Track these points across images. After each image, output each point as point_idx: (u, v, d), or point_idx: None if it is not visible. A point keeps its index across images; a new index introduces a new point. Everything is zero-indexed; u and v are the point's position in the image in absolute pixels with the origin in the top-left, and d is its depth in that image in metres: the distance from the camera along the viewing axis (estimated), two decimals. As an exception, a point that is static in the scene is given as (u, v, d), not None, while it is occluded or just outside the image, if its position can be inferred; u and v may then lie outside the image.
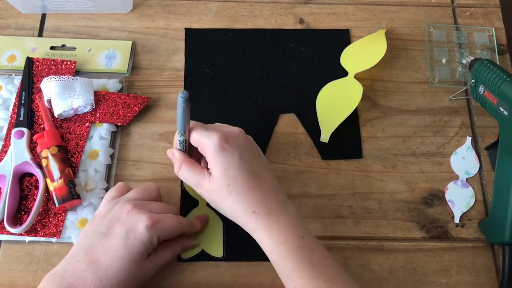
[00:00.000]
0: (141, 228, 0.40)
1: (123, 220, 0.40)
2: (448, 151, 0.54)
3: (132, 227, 0.40)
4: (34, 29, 0.58)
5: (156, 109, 0.54)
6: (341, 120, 0.52)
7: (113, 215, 0.41)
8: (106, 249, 0.39)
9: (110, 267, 0.38)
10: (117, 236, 0.39)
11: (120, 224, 0.40)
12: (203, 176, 0.42)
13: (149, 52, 0.57)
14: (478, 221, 0.50)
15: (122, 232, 0.40)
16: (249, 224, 0.40)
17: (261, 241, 0.40)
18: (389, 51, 0.57)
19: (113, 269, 0.38)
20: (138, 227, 0.40)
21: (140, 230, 0.40)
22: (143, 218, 0.40)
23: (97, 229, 0.41)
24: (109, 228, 0.40)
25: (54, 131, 0.49)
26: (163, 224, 0.41)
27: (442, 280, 0.48)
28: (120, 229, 0.40)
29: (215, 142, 0.41)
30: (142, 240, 0.40)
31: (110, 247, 0.39)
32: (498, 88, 0.47)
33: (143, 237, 0.40)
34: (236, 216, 0.41)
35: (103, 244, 0.39)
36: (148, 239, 0.40)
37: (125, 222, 0.40)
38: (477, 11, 0.62)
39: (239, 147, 0.42)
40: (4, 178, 0.47)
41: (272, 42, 0.58)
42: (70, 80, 0.51)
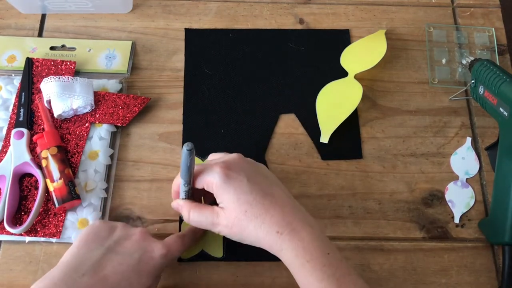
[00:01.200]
0: (157, 255, 0.40)
1: (135, 241, 0.40)
2: (448, 152, 0.54)
3: (147, 251, 0.40)
4: (34, 29, 0.58)
5: (156, 110, 0.54)
6: (341, 121, 0.52)
7: (122, 233, 0.41)
8: (115, 266, 0.38)
9: (118, 286, 0.37)
10: (128, 255, 0.39)
11: (132, 243, 0.40)
12: (216, 213, 0.40)
13: (149, 52, 0.57)
14: (478, 221, 0.50)
15: (135, 253, 0.39)
16: (275, 246, 0.39)
17: (288, 261, 0.39)
18: (389, 51, 0.57)
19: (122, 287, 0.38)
20: (154, 253, 0.40)
21: (156, 257, 0.40)
22: (158, 245, 0.40)
23: (103, 244, 0.39)
24: (118, 245, 0.39)
25: (54, 132, 0.49)
26: (174, 252, 0.41)
27: (442, 280, 0.48)
28: (133, 249, 0.39)
29: (219, 173, 0.39)
30: (155, 266, 0.40)
31: (119, 264, 0.38)
32: (498, 89, 0.47)
33: (156, 264, 0.40)
34: (260, 241, 0.40)
35: (112, 261, 0.38)
36: (160, 266, 0.40)
37: (139, 243, 0.40)
38: (477, 11, 0.62)
39: (244, 171, 0.40)
40: (4, 179, 0.47)
41: (272, 42, 0.58)
42: (70, 80, 0.51)
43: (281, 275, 0.47)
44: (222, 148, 0.52)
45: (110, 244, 0.39)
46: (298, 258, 0.38)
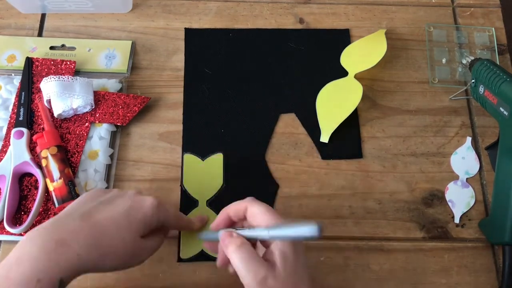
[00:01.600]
0: (146, 205, 0.39)
1: (129, 196, 0.40)
2: (448, 151, 0.54)
3: (138, 202, 0.40)
4: (34, 29, 0.58)
5: (156, 109, 0.54)
6: (341, 120, 0.52)
7: (116, 192, 0.41)
8: (106, 213, 0.38)
9: (107, 230, 0.37)
10: (120, 206, 0.39)
11: (125, 198, 0.40)
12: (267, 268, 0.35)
13: (149, 52, 0.57)
14: (478, 221, 0.50)
15: (126, 204, 0.39)
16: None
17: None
18: (389, 51, 0.57)
19: (110, 233, 0.37)
20: (144, 203, 0.40)
21: (145, 206, 0.39)
22: (149, 198, 0.40)
23: (97, 199, 0.40)
24: (112, 199, 0.40)
25: (54, 131, 0.49)
26: (166, 209, 0.41)
27: (442, 280, 0.48)
28: (125, 202, 0.39)
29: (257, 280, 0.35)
30: (145, 214, 0.39)
31: (111, 212, 0.38)
32: (498, 88, 0.47)
33: (146, 213, 0.39)
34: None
35: (104, 210, 0.38)
36: (150, 216, 0.39)
37: (131, 198, 0.40)
38: (477, 11, 0.62)
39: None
40: (4, 178, 0.47)
41: (272, 42, 0.58)
42: (69, 80, 0.51)
43: (281, 275, 0.47)
44: (222, 148, 0.52)
45: (104, 199, 0.40)
46: None
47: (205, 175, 0.51)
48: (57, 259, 0.34)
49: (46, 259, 0.34)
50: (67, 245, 0.35)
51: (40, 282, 0.33)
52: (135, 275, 0.46)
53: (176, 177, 0.51)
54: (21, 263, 0.34)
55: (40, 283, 0.33)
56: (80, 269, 0.35)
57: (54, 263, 0.34)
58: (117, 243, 0.37)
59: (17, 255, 0.34)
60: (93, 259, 0.36)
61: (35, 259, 0.34)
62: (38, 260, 0.34)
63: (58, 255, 0.34)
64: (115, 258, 0.37)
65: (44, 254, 0.34)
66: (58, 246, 0.35)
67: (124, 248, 0.37)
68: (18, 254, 0.35)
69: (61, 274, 0.34)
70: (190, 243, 0.48)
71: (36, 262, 0.34)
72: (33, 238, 0.35)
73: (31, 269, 0.33)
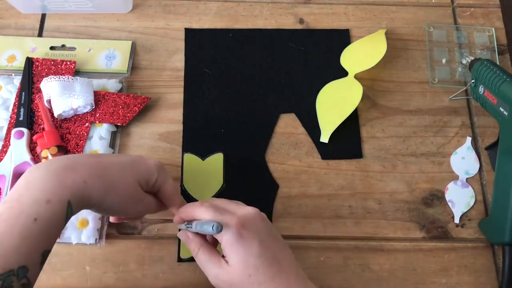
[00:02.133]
0: (150, 162, 0.41)
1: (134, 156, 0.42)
2: (448, 151, 0.54)
3: (142, 159, 0.42)
4: (34, 29, 0.58)
5: (156, 109, 0.54)
6: (341, 120, 0.52)
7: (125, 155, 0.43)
8: (113, 158, 0.40)
9: (112, 168, 0.39)
10: (127, 157, 0.41)
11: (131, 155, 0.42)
12: (221, 266, 0.38)
13: (149, 52, 0.57)
14: (478, 221, 0.50)
15: (131, 157, 0.41)
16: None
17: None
18: (389, 51, 0.57)
19: (114, 170, 0.39)
20: (148, 161, 0.42)
21: (148, 162, 0.41)
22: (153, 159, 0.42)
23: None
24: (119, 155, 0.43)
25: (54, 131, 0.49)
26: (167, 174, 0.42)
27: (442, 280, 0.48)
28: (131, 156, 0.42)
29: (233, 231, 0.37)
30: (147, 168, 0.41)
31: (117, 158, 0.40)
32: (498, 88, 0.47)
33: (149, 167, 0.41)
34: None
35: (111, 156, 0.41)
36: (152, 172, 0.41)
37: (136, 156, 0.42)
38: (477, 11, 0.62)
39: (258, 233, 0.38)
40: (4, 178, 0.47)
41: (272, 42, 0.58)
42: (70, 80, 0.51)
43: (281, 275, 0.47)
44: (222, 148, 0.52)
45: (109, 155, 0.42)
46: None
47: (205, 175, 0.51)
48: (65, 180, 0.35)
49: (54, 181, 0.35)
50: (75, 170, 0.36)
51: (50, 202, 0.34)
52: (135, 275, 0.46)
53: (176, 177, 0.51)
54: (30, 187, 0.35)
55: (49, 204, 0.34)
56: (85, 196, 0.36)
57: (61, 184, 0.35)
58: (119, 181, 0.39)
59: (26, 181, 0.36)
60: (97, 188, 0.37)
61: (44, 182, 0.35)
62: (46, 183, 0.35)
63: (66, 177, 0.36)
64: (116, 194, 0.38)
65: (53, 176, 0.35)
66: (65, 170, 0.36)
67: (124, 188, 0.39)
68: (26, 180, 0.36)
69: (69, 196, 0.35)
70: None
71: (44, 184, 0.35)
72: (39, 167, 0.36)
73: (40, 191, 0.35)
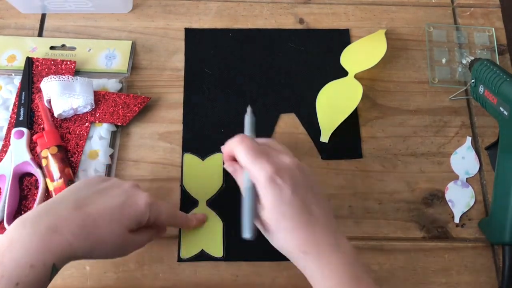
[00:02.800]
0: (141, 202, 0.39)
1: (125, 188, 0.40)
2: (448, 151, 0.54)
3: (132, 198, 0.40)
4: (34, 29, 0.58)
5: (156, 109, 0.54)
6: (341, 120, 0.52)
7: (113, 182, 0.41)
8: (100, 205, 0.38)
9: (99, 222, 0.37)
10: (115, 199, 0.39)
11: (121, 190, 0.40)
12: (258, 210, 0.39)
13: (149, 52, 0.57)
14: (478, 221, 0.50)
15: (121, 196, 0.39)
16: (299, 263, 0.38)
17: (312, 279, 0.38)
18: (389, 51, 0.57)
19: (101, 225, 0.37)
20: (138, 200, 0.40)
21: (139, 203, 0.39)
22: (144, 194, 0.40)
23: (93, 187, 0.39)
24: (108, 190, 0.39)
25: (54, 131, 0.49)
26: (160, 207, 0.41)
27: (442, 280, 0.48)
28: (120, 193, 0.39)
29: (266, 174, 0.38)
30: (137, 211, 0.39)
31: (104, 204, 0.38)
32: (498, 88, 0.47)
33: (139, 210, 0.39)
34: (286, 252, 0.39)
35: (98, 201, 0.38)
36: (142, 214, 0.39)
37: (127, 190, 0.40)
38: (477, 11, 0.62)
39: (292, 181, 0.38)
40: (4, 178, 0.47)
41: (272, 42, 0.58)
42: (70, 80, 0.51)
43: (281, 275, 0.47)
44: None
45: (99, 188, 0.39)
46: (325, 280, 0.37)
47: (205, 175, 0.51)
48: (49, 245, 0.34)
49: (39, 245, 0.34)
50: (59, 232, 0.35)
51: (33, 267, 0.33)
52: (135, 275, 0.46)
53: (176, 177, 0.51)
54: (13, 249, 0.34)
55: (33, 268, 0.33)
56: (71, 256, 0.36)
57: (46, 248, 0.34)
58: (107, 236, 0.37)
59: (9, 240, 0.34)
60: (83, 247, 0.36)
61: (27, 244, 0.34)
62: (30, 245, 0.34)
63: (50, 241, 0.35)
64: (103, 249, 0.38)
65: (36, 239, 0.34)
66: (50, 232, 0.35)
67: (112, 241, 0.38)
68: (10, 239, 0.34)
69: (54, 259, 0.34)
70: (190, 243, 0.48)
71: (28, 247, 0.34)
72: (25, 224, 0.35)
73: (23, 254, 0.34)
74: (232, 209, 0.44)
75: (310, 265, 0.37)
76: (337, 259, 0.37)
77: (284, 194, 0.38)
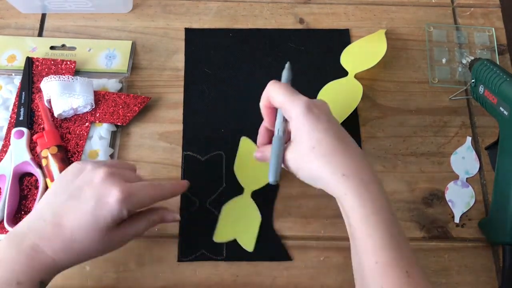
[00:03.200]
0: (112, 201, 0.37)
1: (95, 185, 0.38)
2: (448, 151, 0.54)
3: (103, 197, 0.38)
4: (34, 29, 0.58)
5: (156, 109, 0.54)
6: (341, 120, 0.52)
7: (85, 177, 0.39)
8: (74, 212, 0.37)
9: (76, 232, 0.37)
10: (87, 201, 0.37)
11: (91, 189, 0.38)
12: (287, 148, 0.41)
13: (149, 52, 0.57)
14: (478, 221, 0.50)
15: (92, 199, 0.37)
16: (337, 189, 0.38)
17: (349, 207, 0.38)
18: (389, 51, 0.57)
19: (79, 235, 0.37)
20: (109, 199, 0.37)
21: (110, 202, 0.37)
22: (115, 190, 0.38)
23: (67, 189, 0.39)
24: (79, 190, 0.38)
25: (54, 131, 0.49)
26: (137, 197, 0.39)
27: (442, 280, 0.48)
28: (91, 195, 0.38)
29: (304, 104, 0.40)
30: (111, 211, 0.37)
31: (78, 210, 0.37)
32: (498, 88, 0.47)
33: (112, 209, 0.37)
34: (323, 180, 0.39)
35: (71, 207, 0.38)
36: (117, 212, 0.38)
37: (97, 188, 0.38)
38: (477, 11, 0.62)
39: (326, 113, 0.41)
40: (4, 178, 0.47)
41: (272, 42, 0.58)
42: (70, 80, 0.51)
43: (281, 275, 0.47)
44: (221, 148, 0.52)
45: (71, 189, 0.38)
46: (365, 208, 0.37)
47: (258, 165, 0.50)
48: (33, 263, 0.36)
49: (24, 263, 0.36)
50: (41, 251, 0.37)
51: (21, 284, 0.35)
52: (135, 275, 0.46)
53: (176, 177, 0.51)
54: (1, 266, 0.36)
55: (20, 285, 0.35)
56: (57, 270, 0.38)
57: (31, 267, 0.36)
58: (87, 244, 0.38)
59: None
60: (67, 260, 0.38)
61: (14, 263, 0.36)
62: (16, 264, 0.36)
63: (34, 260, 0.36)
64: (88, 254, 0.39)
65: (22, 258, 0.36)
66: (33, 251, 0.37)
67: (95, 247, 0.39)
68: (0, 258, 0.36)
69: (40, 276, 0.36)
70: (226, 228, 0.48)
71: (14, 265, 0.36)
72: (10, 242, 0.37)
73: (11, 272, 0.35)
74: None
75: (349, 190, 0.37)
76: (376, 189, 0.38)
77: (321, 121, 0.39)
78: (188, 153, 0.52)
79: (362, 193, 0.37)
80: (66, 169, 0.41)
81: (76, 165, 0.40)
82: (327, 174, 0.38)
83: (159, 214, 0.43)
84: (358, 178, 0.38)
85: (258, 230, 0.48)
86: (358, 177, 0.38)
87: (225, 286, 0.46)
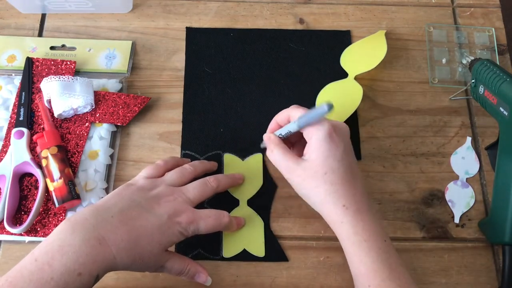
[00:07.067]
0: (182, 222, 0.41)
1: (165, 204, 0.41)
2: (448, 151, 0.54)
3: (174, 216, 0.41)
4: (34, 29, 0.58)
5: (156, 109, 0.54)
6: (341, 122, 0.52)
7: (154, 195, 0.42)
8: (144, 222, 0.39)
9: (142, 240, 0.39)
10: (158, 216, 0.40)
11: (162, 207, 0.41)
12: (297, 161, 0.43)
13: (149, 52, 0.57)
14: (478, 221, 0.50)
15: (164, 215, 0.40)
16: (336, 216, 0.41)
17: (344, 234, 0.41)
18: (389, 51, 0.57)
19: (143, 243, 0.39)
20: (180, 219, 0.41)
21: (180, 221, 0.41)
22: (185, 214, 0.41)
23: (135, 200, 0.41)
24: (149, 205, 0.41)
25: (54, 131, 0.49)
26: (199, 226, 0.42)
27: (442, 280, 0.48)
28: (163, 211, 0.41)
29: (326, 130, 0.42)
30: (177, 231, 0.41)
31: (148, 221, 0.40)
32: (498, 88, 0.47)
33: (179, 230, 0.41)
34: (324, 205, 0.42)
35: (141, 216, 0.40)
36: (182, 233, 0.41)
37: (168, 208, 0.41)
38: (477, 11, 0.62)
39: (344, 141, 0.43)
40: (4, 178, 0.47)
41: (272, 42, 0.58)
42: (70, 80, 0.51)
43: (281, 275, 0.47)
44: (221, 147, 0.52)
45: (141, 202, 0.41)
46: (357, 236, 0.40)
47: (246, 175, 0.51)
48: (96, 256, 0.36)
49: (88, 255, 0.36)
50: (106, 245, 0.37)
51: (81, 275, 0.35)
52: (135, 275, 0.46)
53: (176, 177, 0.51)
54: (64, 254, 0.35)
55: (80, 277, 0.35)
56: (113, 268, 0.38)
57: (93, 259, 0.36)
58: (146, 254, 0.39)
59: (59, 243, 0.36)
60: (125, 261, 0.38)
61: (78, 252, 0.36)
62: (80, 254, 0.36)
63: (98, 253, 0.36)
64: (140, 264, 0.39)
65: (86, 249, 0.36)
66: (98, 244, 0.37)
67: (149, 259, 0.39)
68: (60, 242, 0.36)
69: (98, 270, 0.36)
70: (233, 242, 0.48)
71: (78, 255, 0.36)
72: (75, 229, 0.37)
73: (73, 262, 0.35)
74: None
75: (346, 219, 0.41)
76: (370, 218, 0.41)
77: (339, 150, 0.42)
78: (186, 152, 0.52)
79: (358, 222, 0.41)
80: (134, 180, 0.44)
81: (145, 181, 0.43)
82: (330, 203, 0.42)
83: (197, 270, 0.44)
84: (355, 209, 0.41)
85: (263, 234, 0.48)
86: (356, 208, 0.41)
87: (225, 286, 0.46)
